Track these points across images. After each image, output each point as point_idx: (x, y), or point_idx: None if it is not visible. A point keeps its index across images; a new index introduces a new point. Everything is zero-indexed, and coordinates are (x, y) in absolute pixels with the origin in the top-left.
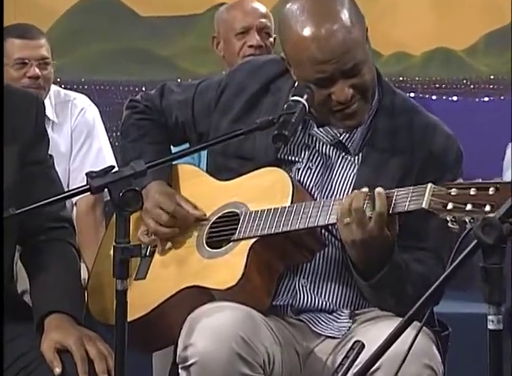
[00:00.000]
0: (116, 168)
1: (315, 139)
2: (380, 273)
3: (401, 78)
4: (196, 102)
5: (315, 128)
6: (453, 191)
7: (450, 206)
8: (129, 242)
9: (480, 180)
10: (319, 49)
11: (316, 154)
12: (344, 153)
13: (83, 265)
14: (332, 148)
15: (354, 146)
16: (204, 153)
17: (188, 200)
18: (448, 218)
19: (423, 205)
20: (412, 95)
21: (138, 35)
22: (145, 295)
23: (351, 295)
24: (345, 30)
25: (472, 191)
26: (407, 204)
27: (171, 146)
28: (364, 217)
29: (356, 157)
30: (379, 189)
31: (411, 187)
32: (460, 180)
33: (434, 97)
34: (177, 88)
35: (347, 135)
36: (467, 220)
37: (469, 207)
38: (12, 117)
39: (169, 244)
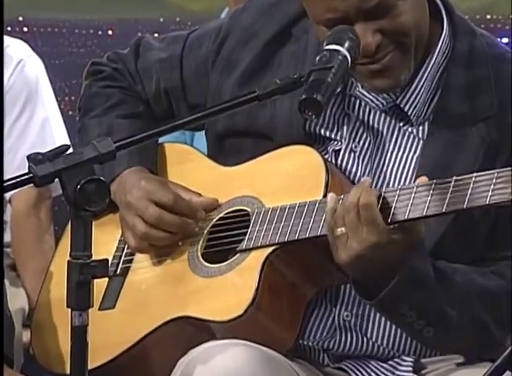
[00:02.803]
0: (71, 150)
1: (357, 104)
2: (387, 288)
3: (488, 16)
4: (185, 60)
5: (359, 88)
6: None
7: None
8: (90, 256)
9: None
10: None
11: (361, 128)
12: (401, 124)
13: (21, 291)
14: (384, 116)
15: (417, 112)
16: (200, 134)
17: (186, 187)
18: None
19: None
20: (505, 40)
21: None
22: (113, 332)
23: None
24: None
25: None
26: (489, 195)
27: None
28: (377, 215)
29: (420, 129)
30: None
31: (495, 171)
32: None
33: None
34: (158, 42)
35: (408, 96)
36: None
37: None
38: None
39: (147, 258)
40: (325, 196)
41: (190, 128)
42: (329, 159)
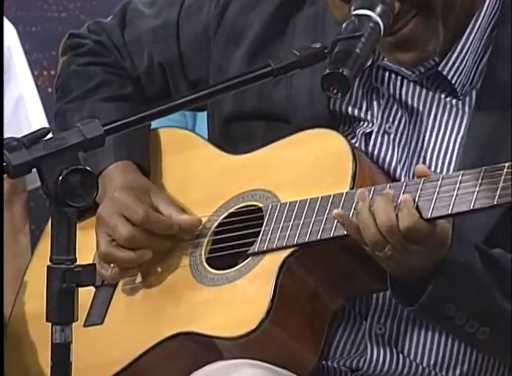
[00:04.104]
0: (51, 135)
1: (387, 76)
2: (428, 289)
3: None
4: (182, 28)
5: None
6: None
7: None
8: (75, 261)
9: None
10: None
11: (395, 105)
12: (443, 95)
13: None
14: (419, 89)
15: (462, 79)
16: (203, 115)
17: (170, 198)
18: None
19: None
20: None
21: None
22: (101, 352)
23: (465, 353)
24: None
25: None
26: None
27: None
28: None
29: (467, 100)
30: None
31: None
32: None
33: None
34: (148, 7)
35: (452, 60)
36: None
37: None
38: None
39: (142, 264)
40: (352, 188)
41: (191, 108)
42: (358, 144)
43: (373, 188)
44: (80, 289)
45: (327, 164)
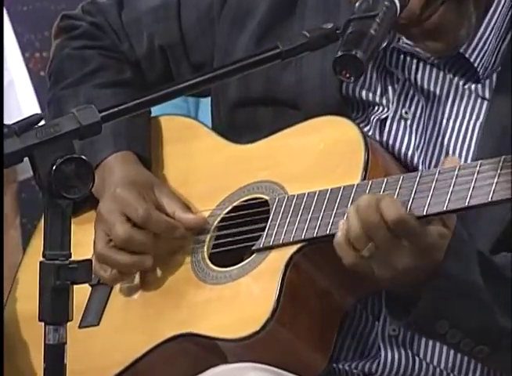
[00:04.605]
0: (44, 121)
1: (402, 59)
2: (418, 304)
3: None
4: (184, 7)
5: (404, 39)
6: None
7: None
8: (69, 256)
9: None
10: None
11: (411, 89)
12: (462, 81)
13: None
14: (436, 73)
15: (484, 62)
16: (206, 101)
17: (174, 193)
18: None
19: None
20: None
21: None
22: (97, 355)
23: None
24: None
25: None
26: None
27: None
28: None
29: (487, 84)
30: None
31: None
32: None
33: None
34: None
35: (475, 42)
36: None
37: None
38: None
39: None
40: (364, 179)
41: (194, 93)
42: (372, 131)
43: (385, 179)
44: (75, 287)
45: (338, 154)
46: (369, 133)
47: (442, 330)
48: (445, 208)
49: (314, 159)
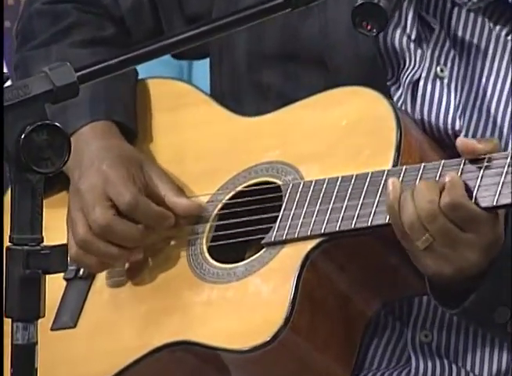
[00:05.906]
0: (10, 82)
1: (435, 2)
2: (477, 290)
3: None
4: None
5: None
6: None
7: None
8: (41, 241)
9: None
10: None
11: (447, 42)
12: (505, 29)
13: None
14: (473, 19)
15: None
16: (203, 64)
17: (165, 173)
18: None
19: None
20: None
21: None
22: (73, 363)
23: None
24: None
25: None
26: None
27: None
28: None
29: None
30: None
31: None
32: None
33: None
34: None
35: None
36: None
37: None
38: None
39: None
40: (395, 165)
41: (189, 54)
42: (404, 97)
43: (422, 165)
44: (47, 280)
45: (364, 132)
46: (401, 98)
47: (502, 319)
48: (494, 203)
49: (335, 138)
